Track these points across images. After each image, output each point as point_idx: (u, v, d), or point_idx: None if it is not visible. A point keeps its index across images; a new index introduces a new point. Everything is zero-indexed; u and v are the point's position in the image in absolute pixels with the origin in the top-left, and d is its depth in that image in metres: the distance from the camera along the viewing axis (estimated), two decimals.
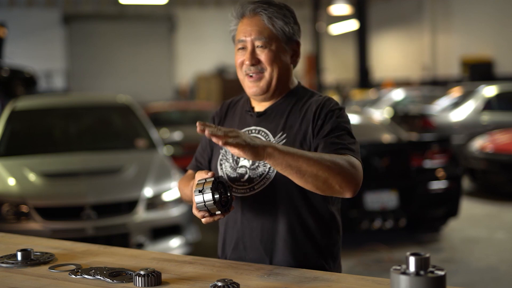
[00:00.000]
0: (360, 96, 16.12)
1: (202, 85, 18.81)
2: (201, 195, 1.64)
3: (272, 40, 1.82)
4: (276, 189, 1.79)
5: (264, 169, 1.81)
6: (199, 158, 2.04)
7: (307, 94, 1.90)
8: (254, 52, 1.82)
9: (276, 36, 1.83)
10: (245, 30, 1.84)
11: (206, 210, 1.66)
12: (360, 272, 4.88)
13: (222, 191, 1.68)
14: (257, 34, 1.82)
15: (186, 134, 9.14)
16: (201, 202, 1.65)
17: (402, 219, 5.59)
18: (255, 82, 1.84)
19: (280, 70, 1.84)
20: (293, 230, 1.79)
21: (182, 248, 4.86)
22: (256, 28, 1.82)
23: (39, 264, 1.73)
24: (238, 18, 1.87)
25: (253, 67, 1.83)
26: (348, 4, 17.99)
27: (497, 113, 10.14)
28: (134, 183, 4.88)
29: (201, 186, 1.66)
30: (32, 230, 4.36)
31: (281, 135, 1.82)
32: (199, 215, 1.69)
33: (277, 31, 1.83)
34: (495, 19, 17.47)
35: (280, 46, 1.83)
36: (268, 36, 1.81)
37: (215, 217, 1.68)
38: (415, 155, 5.79)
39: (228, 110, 2.01)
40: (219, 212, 1.66)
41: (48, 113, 6.11)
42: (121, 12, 20.46)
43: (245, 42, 1.84)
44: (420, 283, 1.20)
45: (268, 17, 1.82)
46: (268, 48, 1.82)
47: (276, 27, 1.82)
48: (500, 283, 4.81)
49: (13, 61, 11.03)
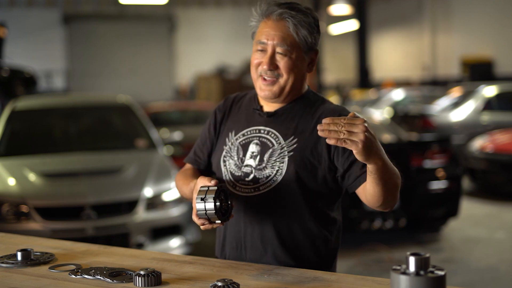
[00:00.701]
0: (360, 96, 16.13)
1: (202, 85, 18.80)
2: (202, 203, 1.64)
3: (294, 49, 1.80)
4: (281, 192, 1.78)
5: (272, 171, 1.79)
6: (198, 152, 2.01)
7: (318, 99, 1.89)
8: (274, 57, 1.80)
9: (298, 44, 1.80)
10: (268, 33, 1.81)
11: (206, 218, 1.67)
12: (360, 272, 4.88)
13: (223, 198, 1.68)
14: (280, 40, 1.79)
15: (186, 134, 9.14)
16: (202, 210, 1.64)
17: (402, 219, 5.59)
18: (268, 86, 1.82)
19: (296, 78, 1.82)
20: (294, 233, 1.79)
21: (182, 248, 4.86)
22: (280, 34, 1.79)
23: (39, 264, 1.73)
24: (262, 17, 1.84)
25: (270, 72, 1.81)
26: (348, 4, 17.97)
27: (497, 113, 10.13)
28: (134, 183, 4.88)
29: (204, 194, 1.65)
30: (32, 230, 4.36)
31: (292, 139, 1.80)
32: (198, 223, 1.69)
33: (300, 40, 1.80)
34: (495, 19, 17.47)
35: (300, 55, 1.81)
36: (290, 44, 1.79)
37: (214, 225, 1.69)
38: (415, 155, 5.79)
39: (232, 105, 1.98)
40: (219, 221, 1.67)
41: (48, 113, 6.11)
42: (121, 12, 20.45)
43: (266, 45, 1.81)
44: (420, 283, 1.20)
45: (294, 24, 1.79)
46: (288, 56, 1.79)
47: (300, 36, 1.80)
48: (500, 283, 4.81)
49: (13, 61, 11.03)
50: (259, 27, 1.85)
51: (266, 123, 1.86)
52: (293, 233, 1.79)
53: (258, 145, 1.84)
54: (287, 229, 1.79)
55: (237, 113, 1.94)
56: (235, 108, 1.97)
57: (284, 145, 1.80)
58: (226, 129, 1.93)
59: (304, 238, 1.80)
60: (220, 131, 1.95)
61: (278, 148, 1.81)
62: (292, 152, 1.79)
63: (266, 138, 1.84)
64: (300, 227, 1.79)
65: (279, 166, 1.78)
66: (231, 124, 1.93)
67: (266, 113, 1.87)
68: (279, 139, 1.82)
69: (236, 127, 1.91)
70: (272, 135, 1.84)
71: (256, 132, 1.86)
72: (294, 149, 1.78)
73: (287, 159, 1.78)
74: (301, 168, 1.77)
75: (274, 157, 1.80)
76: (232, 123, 1.93)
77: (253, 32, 1.87)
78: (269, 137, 1.83)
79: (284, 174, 1.77)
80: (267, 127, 1.86)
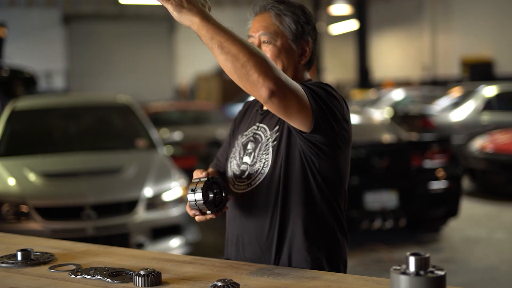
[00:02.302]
0: (360, 96, 16.13)
1: (202, 85, 18.81)
2: (192, 194, 1.68)
3: (278, 36, 1.82)
4: (270, 184, 1.77)
5: (260, 165, 1.81)
6: (219, 157, 2.07)
7: None
8: (260, 47, 1.82)
9: (283, 32, 1.82)
10: (253, 26, 1.85)
11: (197, 209, 1.70)
12: (360, 272, 4.88)
13: (217, 191, 1.70)
14: (263, 29, 1.82)
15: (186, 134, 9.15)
16: (193, 201, 1.68)
17: (402, 219, 5.60)
18: None
19: (284, 67, 1.82)
20: (288, 227, 1.77)
21: (182, 248, 4.86)
22: (263, 23, 1.83)
23: (39, 264, 1.73)
24: (252, 16, 1.89)
25: None
26: (348, 4, 17.98)
27: (497, 113, 10.14)
28: (134, 183, 4.88)
29: (194, 185, 1.69)
30: (32, 230, 4.36)
31: (276, 130, 1.82)
32: (191, 214, 1.74)
33: (284, 28, 1.82)
34: (495, 19, 17.47)
35: (286, 43, 1.82)
36: (274, 32, 1.81)
37: (207, 216, 1.72)
38: (415, 155, 5.79)
39: (247, 110, 2.04)
40: (209, 212, 1.70)
41: (48, 113, 6.11)
42: (121, 12, 20.46)
43: (253, 38, 1.84)
44: (420, 283, 1.20)
45: (276, 13, 1.82)
46: (272, 44, 1.81)
47: (284, 24, 1.82)
48: (500, 283, 4.81)
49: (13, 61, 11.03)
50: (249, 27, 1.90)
51: (260, 120, 1.90)
52: (286, 227, 1.77)
53: (252, 142, 1.87)
54: (280, 223, 1.77)
55: (247, 116, 2.00)
56: (248, 112, 2.02)
57: (269, 136, 1.83)
58: (238, 133, 1.99)
59: (299, 231, 1.76)
60: (234, 135, 2.01)
61: (265, 141, 1.83)
62: (276, 141, 1.80)
63: (258, 133, 1.88)
64: (293, 220, 1.76)
65: (265, 158, 1.80)
66: (241, 127, 1.99)
67: (262, 111, 1.91)
68: (266, 132, 1.85)
69: (243, 130, 1.96)
70: (262, 129, 1.87)
71: (252, 130, 1.91)
72: (276, 137, 1.80)
73: (271, 149, 1.80)
74: (285, 156, 1.76)
75: (261, 150, 1.82)
76: (242, 126, 1.99)
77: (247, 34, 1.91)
78: (260, 132, 1.87)
79: (270, 165, 1.78)
80: (261, 123, 1.89)
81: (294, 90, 1.57)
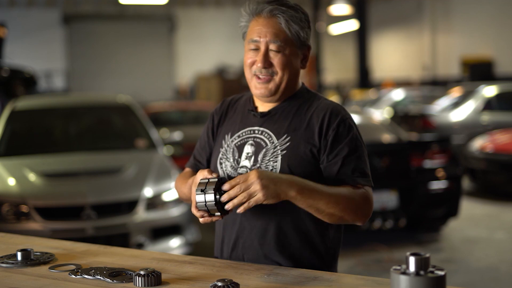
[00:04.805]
0: (360, 96, 16.13)
1: (202, 85, 18.81)
2: (202, 194, 1.64)
3: (287, 45, 1.79)
4: None
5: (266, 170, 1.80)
6: (198, 157, 2.02)
7: (312, 96, 1.89)
8: (268, 55, 1.80)
9: (291, 40, 1.80)
10: (260, 30, 1.80)
11: (205, 210, 1.67)
12: (360, 272, 4.88)
13: (223, 192, 1.68)
14: (272, 36, 1.78)
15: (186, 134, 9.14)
16: (202, 202, 1.65)
17: (402, 219, 5.59)
18: (264, 84, 1.81)
19: (291, 75, 1.82)
20: (290, 232, 1.78)
21: (182, 248, 4.86)
22: (272, 30, 1.79)
23: (39, 264, 1.73)
24: (252, 15, 1.83)
25: (264, 70, 1.80)
26: (348, 4, 17.98)
27: (497, 113, 10.13)
28: (134, 183, 4.88)
29: (204, 185, 1.65)
30: (32, 230, 4.36)
31: (285, 138, 1.80)
32: (198, 215, 1.69)
33: (293, 36, 1.80)
34: (495, 19, 17.47)
35: (293, 51, 1.81)
36: (283, 40, 1.79)
37: (214, 217, 1.69)
38: (415, 155, 5.79)
39: (228, 108, 1.98)
40: (218, 213, 1.67)
41: (48, 113, 6.11)
42: (121, 12, 20.45)
43: (258, 43, 1.81)
44: (420, 283, 1.20)
45: (286, 20, 1.78)
46: (282, 52, 1.79)
47: (292, 31, 1.79)
48: (500, 283, 4.81)
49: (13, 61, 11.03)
50: (250, 26, 1.84)
51: (260, 123, 1.86)
52: (289, 232, 1.78)
53: (252, 146, 1.84)
54: (283, 228, 1.78)
55: (233, 115, 1.95)
56: (232, 110, 1.97)
57: (277, 144, 1.80)
58: (223, 132, 1.93)
59: (301, 236, 1.78)
60: (217, 134, 1.96)
61: (271, 147, 1.81)
62: (285, 150, 1.78)
63: (260, 138, 1.84)
64: (295, 225, 1.78)
65: (273, 165, 1.78)
66: (227, 126, 1.93)
67: (260, 113, 1.87)
68: (272, 139, 1.82)
69: (232, 129, 1.91)
70: (265, 134, 1.83)
71: (250, 133, 1.86)
72: (287, 147, 1.78)
73: (280, 157, 1.78)
74: (295, 166, 1.76)
75: (267, 156, 1.80)
76: (229, 125, 1.93)
77: (244, 32, 1.87)
78: (263, 137, 1.83)
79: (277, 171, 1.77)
80: (261, 127, 1.85)
81: (372, 202, 1.78)
